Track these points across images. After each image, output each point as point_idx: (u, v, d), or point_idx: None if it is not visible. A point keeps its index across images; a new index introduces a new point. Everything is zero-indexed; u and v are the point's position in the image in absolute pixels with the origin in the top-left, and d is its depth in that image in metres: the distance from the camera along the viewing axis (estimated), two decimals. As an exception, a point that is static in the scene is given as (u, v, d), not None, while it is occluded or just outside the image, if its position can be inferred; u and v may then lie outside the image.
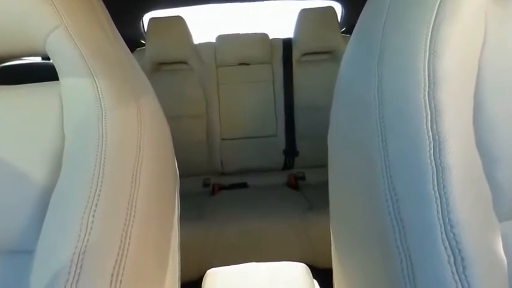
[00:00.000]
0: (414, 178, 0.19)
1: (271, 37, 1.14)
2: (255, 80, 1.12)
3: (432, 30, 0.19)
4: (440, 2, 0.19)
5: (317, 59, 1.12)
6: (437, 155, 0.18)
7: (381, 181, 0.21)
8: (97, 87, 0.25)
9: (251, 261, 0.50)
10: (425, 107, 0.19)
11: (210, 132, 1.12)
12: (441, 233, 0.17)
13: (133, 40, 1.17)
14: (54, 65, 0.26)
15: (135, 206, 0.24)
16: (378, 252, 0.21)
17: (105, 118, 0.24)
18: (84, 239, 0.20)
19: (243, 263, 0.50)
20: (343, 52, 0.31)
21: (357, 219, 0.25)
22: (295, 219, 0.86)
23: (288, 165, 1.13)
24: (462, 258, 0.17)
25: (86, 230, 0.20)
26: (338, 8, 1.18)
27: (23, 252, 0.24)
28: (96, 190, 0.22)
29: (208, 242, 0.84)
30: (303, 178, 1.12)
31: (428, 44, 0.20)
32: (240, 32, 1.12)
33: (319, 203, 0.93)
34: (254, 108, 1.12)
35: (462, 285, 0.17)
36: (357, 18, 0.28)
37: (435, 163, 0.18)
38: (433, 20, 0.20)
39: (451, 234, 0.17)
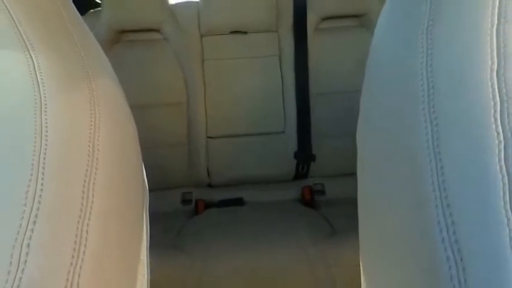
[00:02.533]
0: (477, 192, 0.16)
1: None
2: (255, 55, 0.96)
3: None
4: None
5: (341, 25, 0.97)
6: (510, 159, 0.15)
7: (431, 195, 0.18)
8: (34, 65, 0.22)
9: None
10: (493, 93, 0.16)
11: (192, 127, 0.96)
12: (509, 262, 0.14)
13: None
14: None
15: (86, 237, 0.20)
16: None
17: (46, 109, 0.21)
18: (15, 278, 0.17)
19: None
20: (377, 16, 0.27)
21: (399, 249, 0.21)
22: (311, 250, 0.75)
23: (301, 173, 0.97)
24: None
25: (18, 266, 0.17)
26: None
27: None
28: (32, 211, 0.19)
29: (190, 283, 0.72)
30: (322, 192, 0.97)
31: (497, 5, 0.17)
32: None
33: (344, 226, 0.82)
34: (253, 95, 0.96)
35: None
36: None
37: (507, 171, 0.15)
38: None
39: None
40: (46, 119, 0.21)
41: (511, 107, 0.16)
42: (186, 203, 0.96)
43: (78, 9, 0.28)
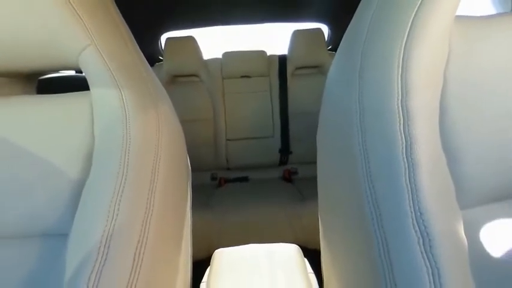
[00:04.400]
0: (389, 173, 0.20)
1: (268, 53, 1.25)
2: (255, 90, 1.22)
3: (404, 49, 0.21)
4: (411, 24, 0.21)
5: (308, 72, 1.23)
6: (409, 154, 0.20)
7: (362, 176, 0.22)
8: (122, 96, 0.27)
9: (252, 243, 0.53)
10: (399, 113, 0.21)
11: (217, 133, 1.21)
12: (412, 219, 0.19)
13: (152, 56, 1.28)
14: (86, 77, 0.27)
15: (154, 197, 0.25)
16: (359, 236, 0.23)
17: (129, 122, 0.26)
18: (111, 224, 0.21)
19: (245, 244, 0.53)
20: (329, 67, 0.32)
21: (342, 208, 0.27)
22: (289, 208, 0.94)
23: (283, 161, 1.23)
24: (430, 240, 0.18)
25: (113, 217, 0.22)
26: (325, 29, 1.31)
27: (57, 235, 0.26)
28: (121, 183, 0.23)
29: (215, 227, 0.91)
30: (296, 173, 1.23)
31: (401, 61, 0.21)
32: (242, 50, 1.25)
33: (309, 194, 1.02)
34: (254, 114, 1.21)
35: (430, 263, 0.18)
36: (341, 38, 0.29)
37: (407, 160, 0.20)
38: (405, 39, 0.21)
39: (421, 221, 0.19)
40: (129, 128, 0.26)
41: (409, 121, 0.21)
42: (213, 180, 1.22)
43: (148, 62, 0.33)
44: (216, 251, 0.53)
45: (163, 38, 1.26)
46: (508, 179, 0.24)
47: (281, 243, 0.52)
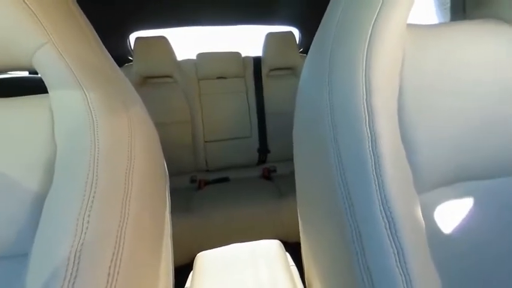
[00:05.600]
0: (359, 165, 0.22)
1: (243, 55, 1.25)
2: (231, 91, 1.22)
3: (367, 52, 0.23)
4: (372, 29, 0.23)
5: (282, 74, 1.27)
6: (374, 147, 0.21)
7: (335, 169, 0.23)
8: (87, 98, 0.25)
9: (234, 243, 0.53)
10: (364, 111, 0.22)
11: (195, 136, 1.19)
12: (379, 206, 0.21)
13: (121, 57, 1.23)
14: (43, 79, 0.25)
15: (129, 206, 0.24)
16: (334, 225, 0.24)
17: (97, 127, 0.24)
18: (80, 238, 0.20)
19: (228, 245, 0.52)
20: (301, 69, 0.36)
21: (318, 200, 0.27)
22: (269, 204, 0.96)
23: (261, 160, 1.25)
24: (394, 224, 0.20)
25: (82, 230, 0.20)
26: (296, 33, 1.36)
27: (17, 256, 0.24)
28: (90, 193, 0.22)
29: (197, 230, 0.89)
30: (275, 171, 1.25)
31: (364, 62, 0.23)
32: (216, 51, 1.22)
33: (288, 190, 1.05)
34: (231, 115, 1.20)
35: (395, 245, 0.20)
36: (312, 41, 0.30)
37: (373, 153, 0.21)
38: (367, 43, 0.23)
39: (386, 207, 0.20)
40: (97, 133, 0.25)
41: (374, 118, 0.23)
42: (193, 182, 1.18)
43: (117, 63, 0.32)
44: (198, 254, 0.52)
45: (132, 37, 1.23)
46: (455, 165, 0.27)
47: (262, 240, 0.52)
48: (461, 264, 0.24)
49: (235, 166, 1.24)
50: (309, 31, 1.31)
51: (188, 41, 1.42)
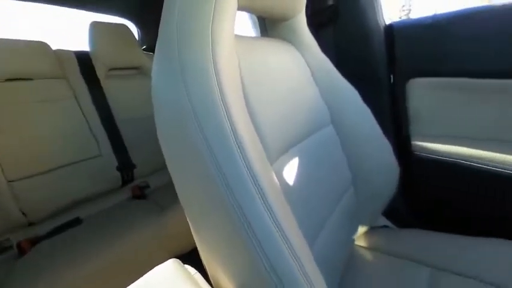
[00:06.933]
0: (226, 151, 0.26)
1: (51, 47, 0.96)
2: (50, 99, 0.91)
3: (213, 57, 0.28)
4: (211, 37, 0.28)
5: (126, 73, 1.12)
6: (235, 134, 0.26)
7: (208, 160, 0.27)
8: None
9: (125, 286, 0.45)
10: (222, 107, 0.27)
11: None
12: (249, 178, 0.26)
13: None
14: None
15: None
16: (221, 210, 0.27)
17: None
18: None
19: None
20: (149, 67, 0.43)
21: (201, 195, 0.29)
22: (152, 225, 0.83)
23: (127, 179, 1.05)
24: (261, 189, 0.26)
25: None
26: (132, 27, 1.21)
27: None
28: None
29: None
30: (148, 186, 1.08)
31: (213, 65, 0.27)
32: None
33: (168, 202, 0.93)
34: (58, 132, 0.89)
35: (267, 207, 0.26)
36: (152, 38, 0.39)
37: (236, 140, 0.27)
38: (211, 49, 0.27)
39: (255, 179, 0.26)
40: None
41: (229, 111, 0.27)
42: (5, 250, 0.77)
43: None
44: None
45: None
46: (285, 137, 0.39)
47: (157, 267, 0.46)
48: (301, 201, 0.38)
49: (88, 198, 0.95)
50: (148, 28, 1.21)
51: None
